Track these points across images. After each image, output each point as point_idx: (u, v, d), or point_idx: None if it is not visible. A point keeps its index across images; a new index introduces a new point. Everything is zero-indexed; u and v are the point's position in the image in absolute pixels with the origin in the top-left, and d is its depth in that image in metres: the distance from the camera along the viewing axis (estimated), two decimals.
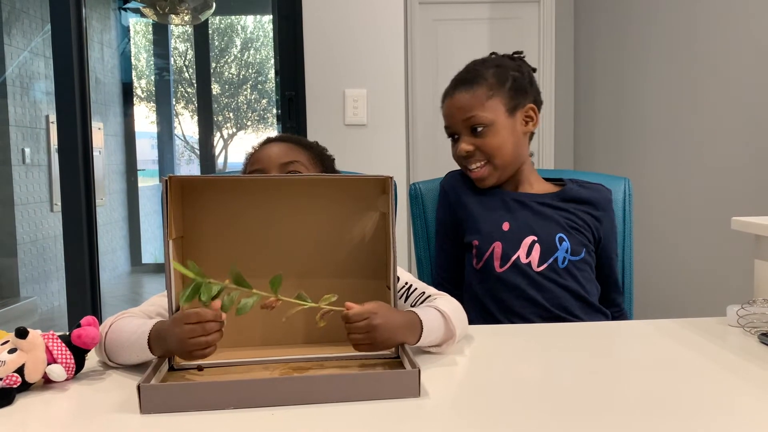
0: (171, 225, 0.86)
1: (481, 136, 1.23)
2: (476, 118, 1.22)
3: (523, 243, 1.22)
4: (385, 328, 0.82)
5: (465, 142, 1.24)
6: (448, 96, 1.28)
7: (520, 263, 1.21)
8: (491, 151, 1.23)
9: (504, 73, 1.25)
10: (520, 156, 1.27)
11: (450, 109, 1.26)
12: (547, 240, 1.22)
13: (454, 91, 1.26)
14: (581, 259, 1.24)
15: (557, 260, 1.21)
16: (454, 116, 1.25)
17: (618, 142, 3.31)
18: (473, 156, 1.25)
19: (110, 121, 5.76)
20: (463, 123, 1.24)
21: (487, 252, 1.22)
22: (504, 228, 1.23)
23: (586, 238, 1.26)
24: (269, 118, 7.72)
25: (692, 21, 2.57)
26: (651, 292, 2.86)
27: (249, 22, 7.86)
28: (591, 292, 1.25)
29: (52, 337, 0.81)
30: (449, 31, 3.89)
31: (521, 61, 1.31)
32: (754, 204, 2.18)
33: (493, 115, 1.23)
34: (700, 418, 0.69)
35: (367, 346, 0.83)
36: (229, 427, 0.68)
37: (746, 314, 1.02)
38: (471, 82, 1.24)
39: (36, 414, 0.73)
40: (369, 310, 0.82)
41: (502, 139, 1.23)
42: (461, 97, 1.24)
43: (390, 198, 0.91)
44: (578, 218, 1.26)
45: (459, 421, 0.69)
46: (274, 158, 1.09)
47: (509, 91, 1.24)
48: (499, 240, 1.22)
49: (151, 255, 6.41)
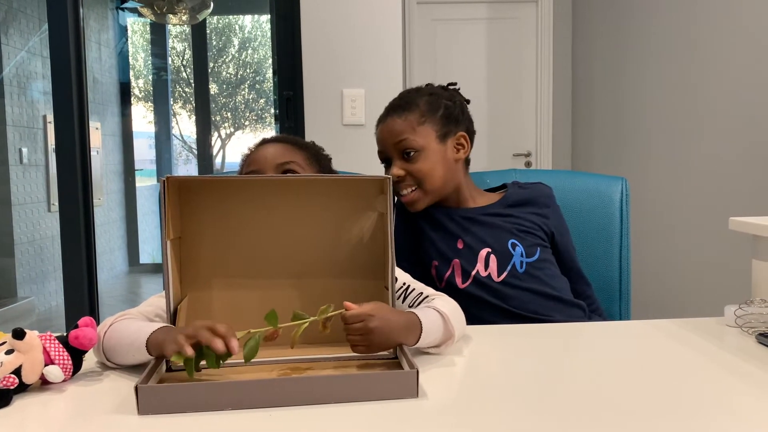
0: (169, 225, 0.86)
1: (412, 161, 1.24)
2: (407, 141, 1.23)
3: (479, 257, 1.24)
4: (381, 330, 0.82)
5: (396, 167, 1.25)
6: (381, 122, 1.29)
7: (480, 277, 1.23)
8: (421, 176, 1.24)
9: (436, 101, 1.27)
10: (451, 180, 1.28)
11: (382, 133, 1.28)
12: (501, 249, 1.24)
13: (387, 117, 1.28)
14: (538, 259, 1.26)
15: (515, 266, 1.23)
16: (386, 141, 1.26)
17: (615, 142, 3.32)
18: (404, 181, 1.25)
19: (108, 120, 5.76)
20: (394, 147, 1.25)
21: (447, 272, 1.25)
22: (459, 246, 1.26)
23: (539, 237, 1.28)
24: (267, 118, 7.72)
25: (690, 21, 2.57)
26: (649, 292, 2.87)
27: (247, 22, 7.85)
28: (558, 287, 1.26)
29: (49, 338, 0.81)
30: (447, 30, 3.89)
31: (454, 92, 1.34)
32: (751, 204, 2.18)
33: (424, 141, 1.24)
34: (698, 418, 0.69)
35: (363, 348, 0.83)
36: (226, 428, 0.68)
37: (744, 314, 1.02)
38: (404, 108, 1.26)
39: (33, 415, 0.73)
40: (366, 312, 0.82)
41: (432, 164, 1.24)
42: (393, 123, 1.26)
43: (388, 198, 0.91)
44: (525, 220, 1.29)
45: (457, 422, 0.69)
46: (270, 159, 1.09)
47: (441, 118, 1.26)
48: (456, 258, 1.25)
49: (149, 255, 6.41)
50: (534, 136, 3.97)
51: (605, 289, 1.42)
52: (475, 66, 3.86)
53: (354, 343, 0.83)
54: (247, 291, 0.95)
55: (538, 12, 3.90)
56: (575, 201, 1.43)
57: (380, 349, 0.84)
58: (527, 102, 3.96)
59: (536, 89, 3.94)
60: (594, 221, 1.44)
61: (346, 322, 0.82)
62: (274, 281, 0.95)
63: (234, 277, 0.95)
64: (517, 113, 3.95)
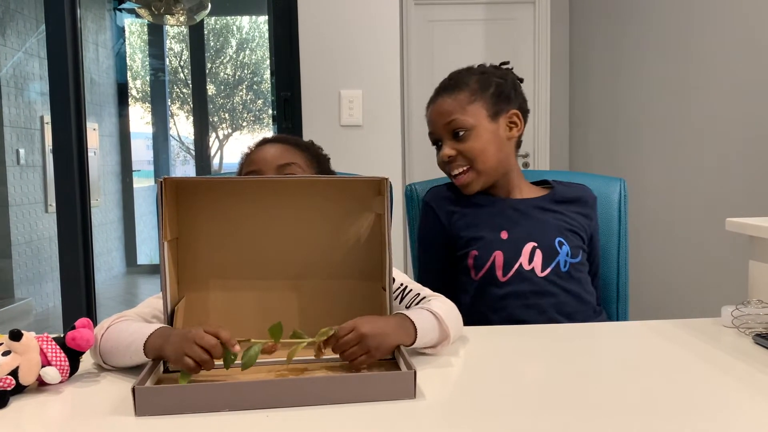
0: (166, 226, 0.85)
1: (462, 141, 1.22)
2: (457, 121, 1.22)
3: (523, 250, 1.20)
4: (374, 333, 0.82)
5: (447, 147, 1.23)
6: (431, 103, 1.28)
7: (523, 270, 1.19)
8: (473, 155, 1.22)
9: (487, 80, 1.25)
10: (504, 161, 1.26)
11: (433, 114, 1.26)
12: (548, 245, 1.21)
13: (437, 97, 1.27)
14: (580, 262, 1.24)
15: (559, 264, 1.20)
16: (436, 122, 1.25)
17: (613, 143, 3.32)
18: (455, 161, 1.24)
19: (105, 121, 5.75)
20: (444, 127, 1.24)
21: (487, 262, 1.20)
22: (502, 237, 1.21)
23: (581, 239, 1.27)
24: (265, 119, 7.72)
25: (687, 22, 2.58)
26: (646, 292, 2.87)
27: (244, 23, 7.85)
28: (591, 292, 1.25)
29: (46, 340, 0.80)
30: (445, 31, 3.89)
31: (507, 70, 1.32)
32: (748, 205, 2.19)
33: (474, 120, 1.22)
34: (695, 419, 0.70)
35: (364, 357, 0.81)
36: (224, 430, 0.68)
37: (741, 315, 1.02)
38: (453, 87, 1.25)
39: (30, 417, 0.73)
40: (353, 322, 0.82)
41: (484, 143, 1.22)
42: (443, 102, 1.24)
43: (385, 199, 0.91)
44: (572, 219, 1.26)
45: (455, 423, 0.69)
46: (271, 160, 1.08)
47: (492, 96, 1.24)
48: (499, 249, 1.20)
49: (147, 256, 6.40)
50: (532, 136, 3.97)
51: (603, 290, 1.42)
52: None
53: (353, 356, 0.81)
54: (244, 292, 0.95)
55: (536, 13, 3.90)
56: None
57: (380, 353, 0.83)
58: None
59: (534, 90, 3.95)
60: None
61: (339, 338, 0.81)
62: (271, 282, 0.95)
63: (231, 278, 0.95)
64: None
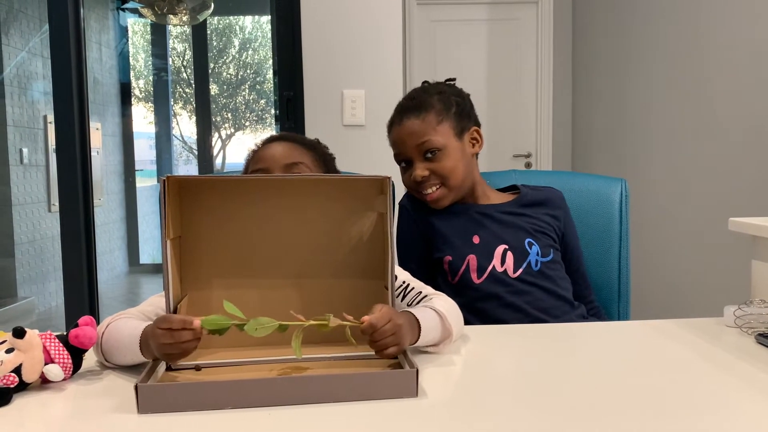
0: (169, 225, 0.86)
1: (434, 161, 1.25)
2: (430, 142, 1.24)
3: (495, 253, 1.25)
4: (405, 326, 0.82)
5: (419, 168, 1.25)
6: (395, 124, 1.29)
7: (496, 272, 1.24)
8: (445, 173, 1.25)
9: (448, 99, 1.28)
10: (470, 176, 1.30)
11: (400, 135, 1.27)
12: (518, 246, 1.26)
13: (402, 119, 1.28)
14: (551, 260, 1.28)
15: (530, 264, 1.25)
16: (406, 143, 1.26)
17: (615, 143, 3.32)
18: (428, 180, 1.26)
19: (108, 121, 5.76)
20: (416, 148, 1.25)
21: (462, 266, 1.25)
22: (474, 241, 1.26)
23: (551, 239, 1.30)
24: (267, 119, 7.72)
25: (690, 22, 2.57)
26: (648, 292, 2.87)
27: (247, 23, 7.86)
28: (566, 287, 1.29)
29: (49, 337, 0.81)
30: (447, 31, 3.89)
31: (459, 88, 1.34)
32: (751, 204, 2.18)
33: (444, 140, 1.25)
34: (697, 419, 0.70)
35: (395, 348, 0.81)
36: (226, 427, 0.68)
37: (743, 315, 1.02)
38: (419, 109, 1.26)
39: (33, 414, 0.73)
40: (388, 312, 0.81)
41: (454, 161, 1.25)
42: (412, 124, 1.26)
43: (388, 198, 0.91)
44: (540, 221, 1.30)
45: (457, 421, 0.69)
46: (279, 158, 1.08)
47: (455, 115, 1.27)
48: (471, 253, 1.25)
49: (149, 255, 6.41)
50: (534, 137, 3.97)
51: (604, 289, 1.42)
52: (476, 67, 3.86)
53: (385, 346, 0.80)
54: (246, 291, 0.95)
55: (539, 13, 3.90)
56: (575, 202, 1.43)
57: (407, 345, 0.83)
58: (527, 103, 3.96)
59: (536, 90, 3.94)
60: (594, 222, 1.44)
61: (375, 328, 0.79)
62: (273, 281, 0.95)
63: (234, 276, 0.95)
64: (517, 114, 3.95)
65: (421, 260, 1.31)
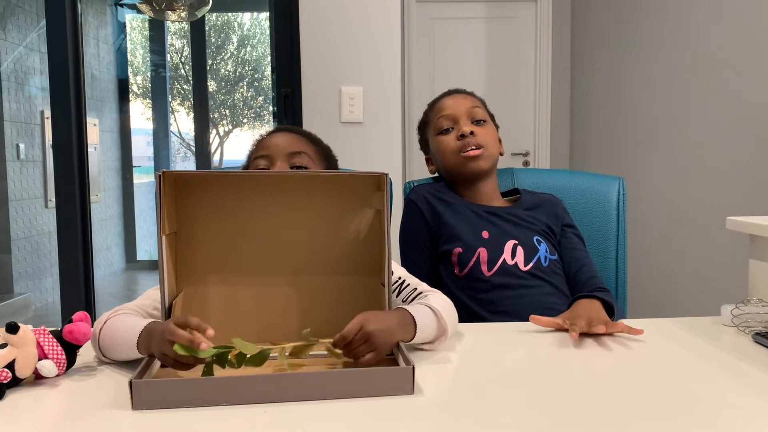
0: (165, 220, 0.85)
1: (480, 127, 1.34)
2: (480, 110, 1.36)
3: (505, 247, 1.27)
4: (380, 330, 0.81)
5: (467, 126, 1.33)
6: (445, 96, 1.40)
7: (507, 265, 1.25)
8: (488, 141, 1.33)
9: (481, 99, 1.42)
10: (497, 161, 1.37)
11: (455, 99, 1.38)
12: (528, 242, 1.28)
13: (453, 93, 1.40)
14: (557, 260, 1.30)
15: (540, 260, 1.27)
16: (460, 105, 1.36)
17: (613, 142, 3.32)
18: (473, 139, 1.32)
19: (106, 117, 5.75)
20: (468, 111, 1.35)
21: (472, 259, 1.26)
22: (484, 236, 1.28)
23: (552, 243, 1.32)
24: (265, 116, 7.71)
25: (689, 20, 2.57)
26: (645, 291, 2.87)
27: (245, 19, 7.84)
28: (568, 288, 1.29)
29: (43, 333, 0.80)
30: (446, 29, 3.89)
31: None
32: (748, 203, 2.19)
33: (487, 118, 1.38)
34: (694, 417, 0.69)
35: (372, 355, 0.81)
36: (221, 424, 0.67)
37: (740, 314, 1.02)
38: (464, 91, 1.41)
39: (26, 410, 0.72)
40: (359, 321, 0.81)
41: (493, 138, 1.36)
42: (466, 96, 1.39)
43: (385, 195, 0.90)
44: (542, 223, 1.33)
45: (453, 418, 0.69)
46: (283, 147, 1.09)
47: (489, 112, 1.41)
48: (482, 246, 1.27)
49: (146, 252, 6.40)
50: (532, 135, 3.97)
51: None
52: (474, 65, 3.86)
53: (360, 354, 0.81)
54: (242, 287, 0.95)
55: (537, 11, 3.90)
56: (573, 200, 1.43)
57: (386, 350, 0.83)
58: (525, 101, 3.96)
59: (535, 88, 3.94)
60: (591, 220, 1.44)
61: (345, 338, 0.79)
62: (270, 277, 0.95)
63: (230, 272, 0.95)
64: (515, 112, 3.95)
65: (427, 256, 1.33)
